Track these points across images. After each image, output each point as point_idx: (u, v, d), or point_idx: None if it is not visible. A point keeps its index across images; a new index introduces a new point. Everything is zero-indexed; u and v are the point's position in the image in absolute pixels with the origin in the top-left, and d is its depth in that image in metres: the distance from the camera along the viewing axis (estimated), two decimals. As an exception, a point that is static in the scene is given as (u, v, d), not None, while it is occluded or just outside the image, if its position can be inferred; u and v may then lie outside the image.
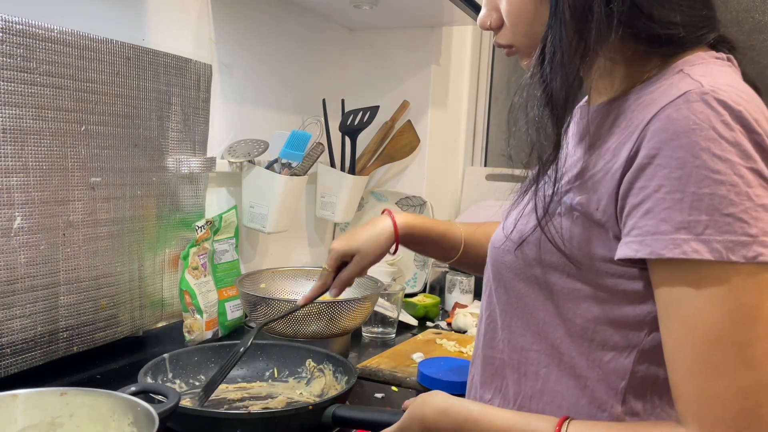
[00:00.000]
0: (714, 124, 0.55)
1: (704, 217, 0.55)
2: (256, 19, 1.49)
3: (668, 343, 0.59)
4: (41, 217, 0.98)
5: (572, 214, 0.66)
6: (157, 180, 1.19)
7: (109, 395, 0.74)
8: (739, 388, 0.55)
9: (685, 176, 0.55)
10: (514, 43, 0.72)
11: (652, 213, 0.58)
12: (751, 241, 0.54)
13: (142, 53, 1.12)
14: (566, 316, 0.68)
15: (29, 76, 0.93)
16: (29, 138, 0.95)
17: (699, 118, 0.56)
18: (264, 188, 1.39)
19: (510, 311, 0.74)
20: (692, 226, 0.55)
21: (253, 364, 1.08)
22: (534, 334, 0.71)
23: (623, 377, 0.65)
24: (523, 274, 0.71)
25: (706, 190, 0.55)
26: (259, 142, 1.41)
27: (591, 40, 0.63)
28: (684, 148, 0.56)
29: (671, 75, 0.63)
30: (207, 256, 1.27)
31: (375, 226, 0.98)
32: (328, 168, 1.67)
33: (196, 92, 1.26)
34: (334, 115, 1.65)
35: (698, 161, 0.55)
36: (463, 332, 1.46)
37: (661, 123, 0.58)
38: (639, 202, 0.59)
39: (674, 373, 0.59)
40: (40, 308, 0.99)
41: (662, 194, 0.57)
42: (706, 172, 0.55)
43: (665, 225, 0.56)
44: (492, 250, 0.77)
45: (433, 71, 1.86)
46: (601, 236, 0.64)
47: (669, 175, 0.56)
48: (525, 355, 0.72)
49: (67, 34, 0.98)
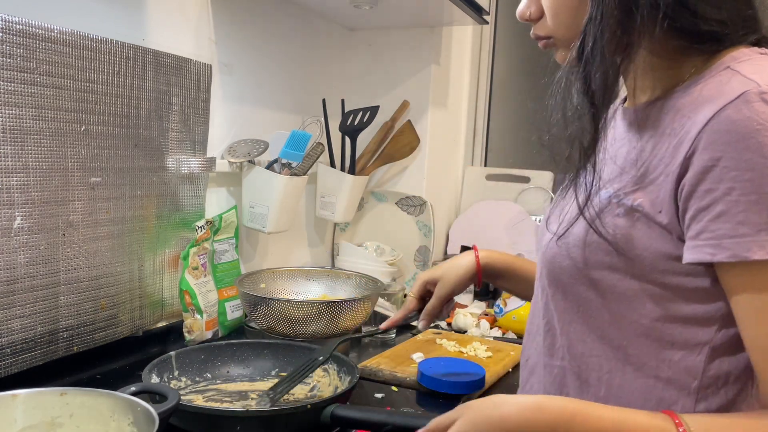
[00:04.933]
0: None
1: None
2: (256, 19, 1.49)
3: (758, 344, 0.59)
4: (41, 217, 0.98)
5: (633, 216, 0.65)
6: (157, 180, 1.19)
7: (109, 395, 0.74)
8: None
9: (757, 178, 0.56)
10: (554, 35, 0.71)
11: (725, 216, 0.58)
12: None
13: (142, 53, 1.12)
14: (631, 318, 0.67)
15: (29, 76, 0.94)
16: (29, 138, 0.95)
17: (762, 118, 0.56)
18: (264, 188, 1.39)
19: (568, 317, 0.73)
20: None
21: (259, 362, 1.08)
22: (596, 339, 0.70)
23: (695, 376, 0.65)
24: (583, 278, 0.70)
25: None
26: (259, 142, 1.41)
27: (635, 32, 0.63)
28: (752, 150, 0.56)
29: (717, 72, 0.63)
30: (207, 256, 1.27)
31: (459, 258, 1.02)
32: (328, 168, 1.67)
33: (196, 92, 1.26)
34: (334, 115, 1.66)
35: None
36: (463, 332, 1.46)
37: (721, 125, 0.58)
38: (707, 206, 0.59)
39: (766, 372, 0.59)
40: (40, 308, 0.99)
41: (735, 197, 0.57)
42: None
43: (744, 228, 0.57)
44: (545, 255, 0.75)
45: (433, 71, 1.86)
46: (665, 237, 0.63)
47: (739, 177, 0.56)
48: (586, 362, 0.71)
49: (67, 34, 0.99)
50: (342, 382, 1.01)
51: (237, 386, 1.04)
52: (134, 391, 0.78)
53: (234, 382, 1.04)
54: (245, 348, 1.09)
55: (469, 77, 2.13)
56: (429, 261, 1.79)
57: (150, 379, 0.93)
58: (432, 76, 1.86)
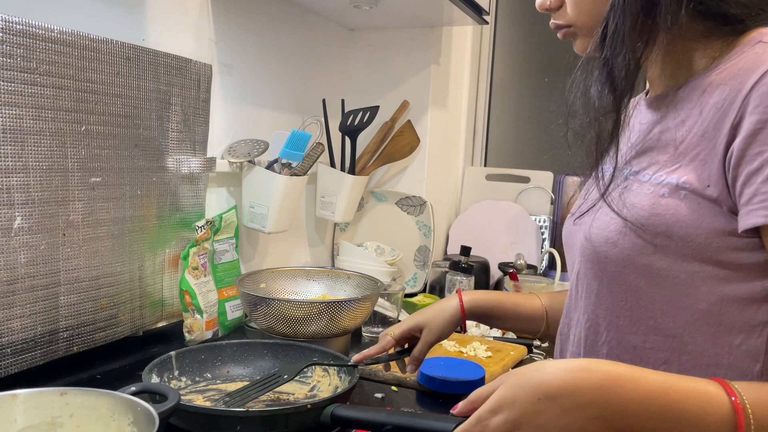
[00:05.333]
0: None
1: None
2: (256, 19, 1.49)
3: None
4: (41, 217, 0.98)
5: (678, 194, 0.64)
6: (158, 180, 1.19)
7: (109, 395, 0.74)
8: None
9: None
10: (574, 23, 0.72)
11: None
12: None
13: (142, 53, 1.12)
14: (687, 303, 0.65)
15: (29, 76, 0.94)
16: (29, 138, 0.95)
17: None
18: (264, 188, 1.39)
19: (616, 310, 0.71)
20: None
21: (259, 362, 1.08)
22: (648, 330, 0.68)
23: (757, 359, 0.63)
24: (633, 265, 0.67)
25: None
26: (259, 142, 1.41)
27: (658, 16, 0.63)
28: None
29: (749, 49, 0.63)
30: (207, 256, 1.27)
31: (442, 303, 1.01)
32: (328, 168, 1.67)
33: (196, 92, 1.26)
34: (334, 115, 1.66)
35: None
36: (464, 332, 1.46)
37: (766, 87, 0.58)
38: (758, 168, 0.58)
39: None
40: (41, 308, 0.99)
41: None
42: None
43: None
44: (586, 249, 0.73)
45: (433, 71, 1.86)
46: (715, 212, 0.62)
47: None
48: (639, 354, 0.69)
49: (67, 34, 0.99)
50: (342, 382, 1.01)
51: (237, 386, 1.04)
52: (134, 391, 0.78)
53: (234, 382, 1.04)
54: (245, 348, 1.09)
55: (469, 77, 2.13)
56: (429, 261, 1.80)
57: (150, 379, 0.93)
58: (432, 76, 1.86)
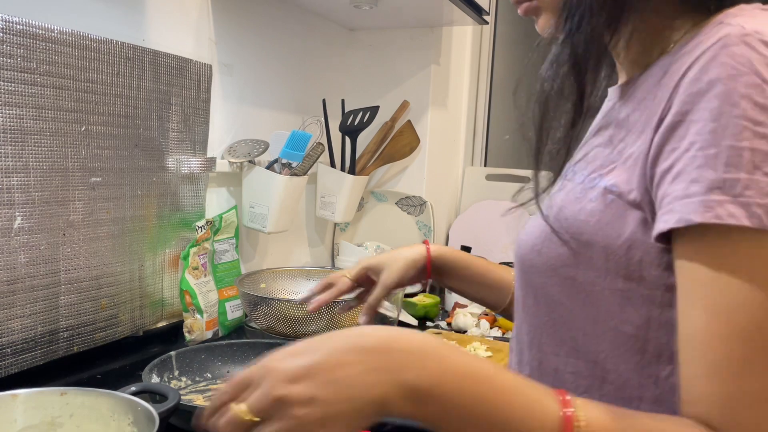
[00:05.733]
0: (757, 67, 0.46)
1: (743, 176, 0.45)
2: (257, 19, 1.49)
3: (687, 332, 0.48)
4: (41, 217, 0.98)
5: (606, 198, 0.56)
6: (158, 180, 1.19)
7: (109, 395, 0.74)
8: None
9: (720, 128, 0.46)
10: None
11: (682, 175, 0.48)
12: None
13: (142, 53, 1.12)
14: (611, 324, 0.56)
15: (29, 77, 0.94)
16: (29, 138, 0.95)
17: (739, 62, 0.46)
18: (264, 188, 1.39)
19: (539, 325, 0.62)
20: (728, 185, 0.45)
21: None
22: (569, 352, 0.59)
23: None
24: (556, 277, 0.59)
25: (746, 143, 0.45)
26: (259, 142, 1.41)
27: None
28: (720, 97, 0.46)
29: (710, 29, 0.52)
30: (207, 256, 1.27)
31: (407, 247, 0.92)
32: (328, 168, 1.67)
33: (196, 92, 1.26)
34: (334, 115, 1.66)
35: (737, 110, 0.46)
36: (463, 332, 1.46)
37: (694, 73, 0.48)
38: (669, 166, 0.49)
39: (692, 367, 0.47)
40: (41, 308, 0.99)
41: (693, 152, 0.47)
42: (746, 122, 0.45)
43: (696, 186, 0.46)
44: (516, 253, 0.66)
45: (433, 71, 1.86)
46: (638, 219, 0.53)
47: (702, 129, 0.47)
48: (559, 379, 0.60)
49: (67, 34, 0.99)
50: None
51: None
52: (134, 390, 0.79)
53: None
54: (245, 348, 1.09)
55: (469, 77, 2.13)
56: (429, 261, 1.79)
57: (150, 378, 0.93)
58: (432, 76, 1.86)
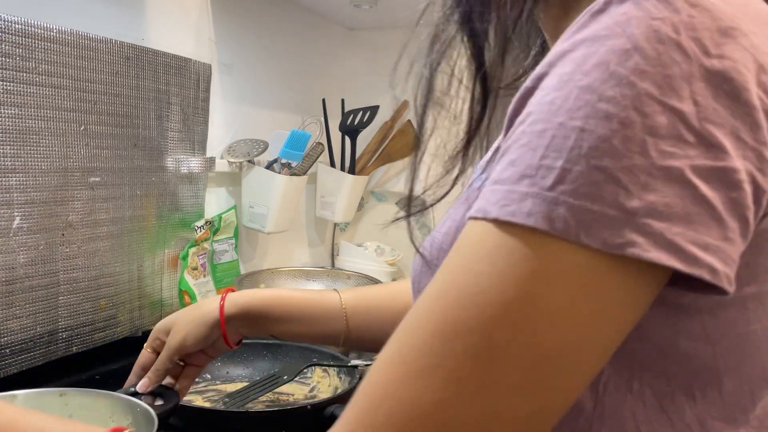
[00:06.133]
0: (633, 30, 0.33)
1: (561, 164, 0.33)
2: (256, 18, 1.49)
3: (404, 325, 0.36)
4: (40, 217, 0.97)
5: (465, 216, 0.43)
6: (157, 180, 1.19)
7: (108, 396, 0.74)
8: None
9: (559, 99, 0.34)
10: None
11: (506, 154, 0.36)
12: (624, 220, 0.31)
13: (141, 53, 1.12)
14: None
15: (28, 76, 0.93)
16: (28, 138, 0.94)
17: (616, 21, 0.34)
18: (264, 188, 1.39)
19: None
20: (541, 174, 0.33)
21: (258, 363, 1.07)
22: None
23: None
24: None
25: (578, 123, 0.33)
26: (259, 141, 1.41)
27: None
28: (577, 60, 0.34)
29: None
30: (206, 257, 1.26)
31: (203, 301, 0.80)
32: (328, 168, 1.67)
33: (195, 92, 1.26)
34: (334, 114, 1.65)
35: (585, 80, 0.33)
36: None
37: (571, 31, 0.36)
38: (507, 147, 0.37)
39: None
40: (40, 308, 0.99)
41: (525, 126, 0.35)
42: (589, 96, 0.33)
43: (510, 170, 0.35)
44: (411, 273, 0.56)
45: (433, 71, 1.85)
46: None
47: (542, 98, 0.35)
48: None
49: (66, 34, 0.98)
50: (342, 383, 1.00)
51: (237, 387, 1.03)
52: (134, 391, 0.78)
53: (234, 383, 1.04)
54: (244, 348, 1.08)
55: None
56: (429, 261, 1.79)
57: None
58: (432, 76, 1.85)
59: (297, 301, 0.77)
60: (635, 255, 0.31)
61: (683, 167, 0.32)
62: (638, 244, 0.31)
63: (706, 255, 0.31)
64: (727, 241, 0.32)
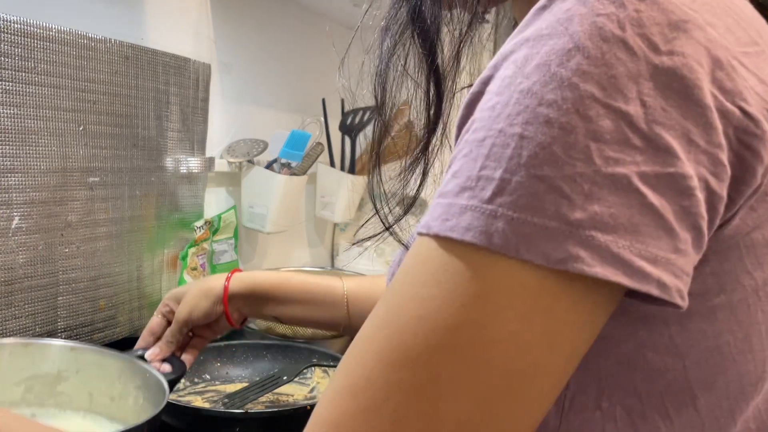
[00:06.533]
0: (576, 28, 0.31)
1: (500, 175, 0.30)
2: (256, 18, 1.49)
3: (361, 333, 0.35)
4: (39, 218, 0.97)
5: None
6: (156, 180, 1.19)
7: (119, 358, 0.75)
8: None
9: (500, 104, 0.32)
10: None
11: (452, 165, 0.34)
12: (567, 233, 0.29)
13: (140, 52, 1.12)
14: None
15: (27, 76, 0.93)
16: (27, 138, 0.94)
17: (559, 18, 0.31)
18: (263, 188, 1.38)
19: None
20: (480, 186, 0.31)
21: (258, 363, 1.07)
22: None
23: None
24: None
25: (517, 129, 0.30)
26: (259, 141, 1.41)
27: None
28: (518, 62, 0.32)
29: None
30: (206, 257, 1.26)
31: (211, 276, 0.83)
32: (327, 168, 1.66)
33: (195, 92, 1.25)
34: (334, 114, 1.65)
35: (526, 83, 0.31)
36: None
37: (517, 30, 0.34)
38: (453, 157, 0.35)
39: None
40: (39, 309, 0.99)
41: (468, 134, 0.33)
42: (530, 100, 0.31)
43: (454, 182, 0.33)
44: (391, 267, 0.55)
45: (433, 71, 1.85)
46: None
47: (485, 104, 0.33)
48: None
49: (65, 33, 0.98)
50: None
51: (236, 387, 1.03)
52: (141, 354, 0.79)
53: (233, 384, 1.04)
54: (244, 349, 1.08)
55: (469, 77, 2.13)
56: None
57: None
58: (432, 76, 1.85)
59: (300, 285, 0.78)
60: (579, 270, 0.29)
61: (630, 174, 0.29)
62: (582, 259, 0.29)
63: (655, 269, 0.29)
64: (678, 252, 0.30)
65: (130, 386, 0.73)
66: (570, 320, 0.30)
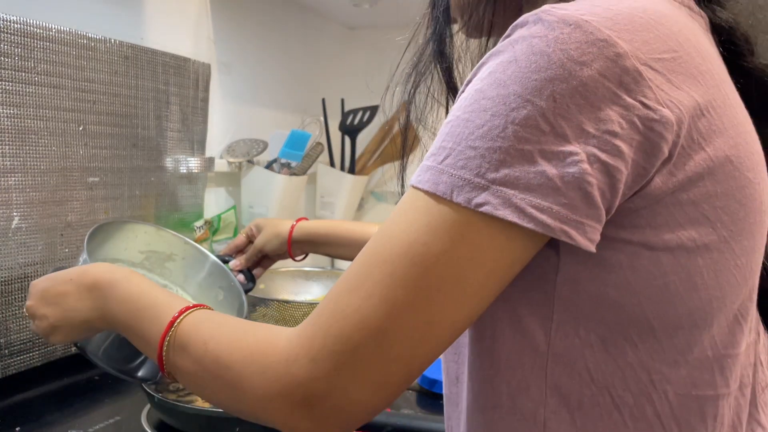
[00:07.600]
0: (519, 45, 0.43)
1: (450, 145, 0.44)
2: (255, 18, 1.49)
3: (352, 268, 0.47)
4: (39, 218, 0.97)
5: None
6: (156, 180, 1.19)
7: (216, 263, 0.96)
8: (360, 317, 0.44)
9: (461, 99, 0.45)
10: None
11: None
12: (485, 186, 0.42)
13: (140, 52, 1.12)
14: None
15: (27, 76, 0.93)
16: (27, 138, 0.94)
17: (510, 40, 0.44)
18: (263, 188, 1.38)
19: None
20: (438, 153, 0.44)
21: None
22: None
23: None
24: None
25: (466, 115, 0.43)
26: (258, 141, 1.41)
27: None
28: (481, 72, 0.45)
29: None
30: (206, 257, 1.26)
31: (281, 222, 1.06)
32: (327, 168, 1.66)
33: (194, 92, 1.25)
34: (333, 114, 1.65)
35: (479, 84, 0.44)
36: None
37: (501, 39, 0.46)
38: None
39: None
40: (38, 309, 0.99)
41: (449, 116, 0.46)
42: (478, 95, 0.43)
43: (429, 152, 0.46)
44: None
45: (433, 71, 1.85)
46: None
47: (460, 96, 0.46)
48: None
49: (65, 33, 0.98)
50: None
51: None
52: (226, 259, 1.01)
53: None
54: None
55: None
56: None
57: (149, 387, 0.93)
58: (432, 76, 1.85)
59: (346, 232, 1.02)
60: (489, 212, 0.41)
61: (533, 150, 0.41)
62: (492, 204, 0.41)
63: (541, 214, 0.41)
64: (563, 206, 0.41)
65: (215, 285, 0.93)
66: (487, 246, 0.42)
